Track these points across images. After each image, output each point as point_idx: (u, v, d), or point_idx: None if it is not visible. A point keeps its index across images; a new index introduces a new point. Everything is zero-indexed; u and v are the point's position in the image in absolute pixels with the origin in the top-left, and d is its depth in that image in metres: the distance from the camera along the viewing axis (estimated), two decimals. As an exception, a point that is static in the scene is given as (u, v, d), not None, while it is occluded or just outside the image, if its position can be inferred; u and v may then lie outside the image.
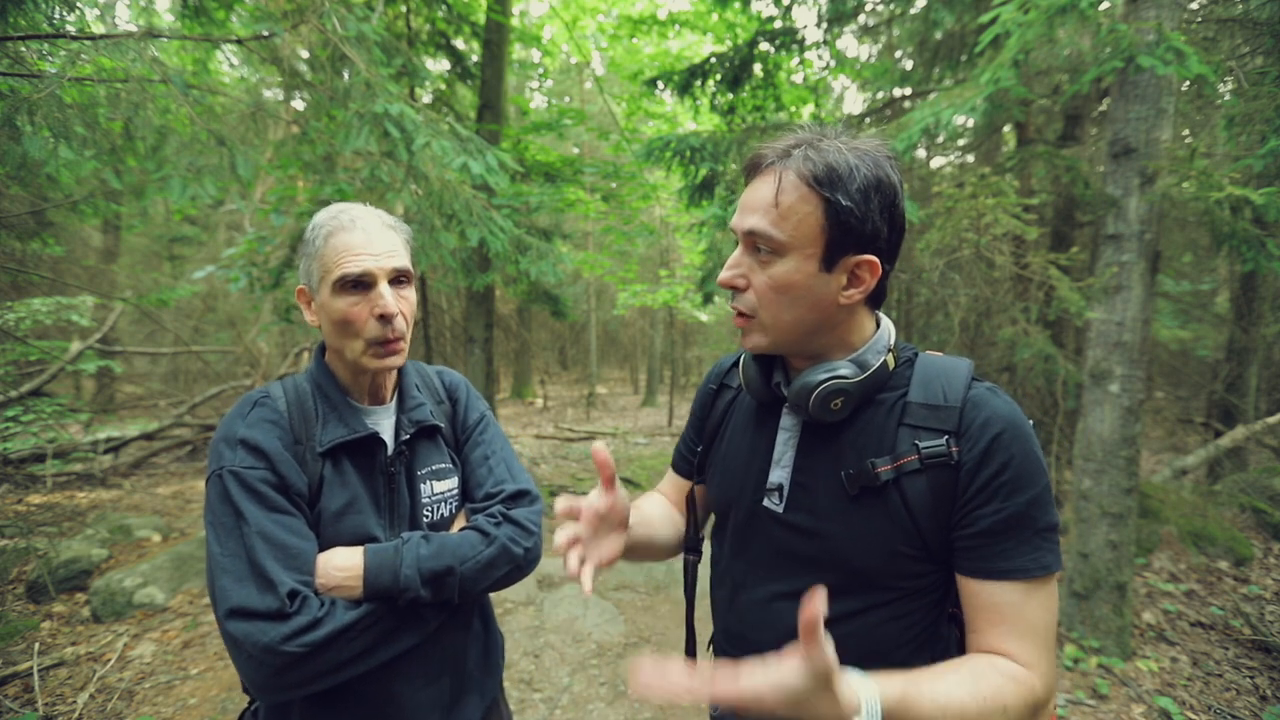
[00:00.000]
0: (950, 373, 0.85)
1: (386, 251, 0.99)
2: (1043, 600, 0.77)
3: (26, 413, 4.08)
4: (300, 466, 0.97)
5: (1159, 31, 2.51)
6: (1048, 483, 0.79)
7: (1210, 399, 6.46)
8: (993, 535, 0.77)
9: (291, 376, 1.08)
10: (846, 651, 0.82)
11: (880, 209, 0.78)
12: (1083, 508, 3.08)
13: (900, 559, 0.81)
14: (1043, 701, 0.75)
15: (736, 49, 4.81)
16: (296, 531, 0.91)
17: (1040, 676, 0.75)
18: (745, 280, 0.83)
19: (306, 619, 0.85)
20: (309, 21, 3.03)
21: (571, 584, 3.97)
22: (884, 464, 0.81)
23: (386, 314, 0.97)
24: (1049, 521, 0.78)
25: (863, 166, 0.77)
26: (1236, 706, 2.63)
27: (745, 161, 0.84)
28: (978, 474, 0.77)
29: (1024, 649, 0.76)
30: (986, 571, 0.78)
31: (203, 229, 10.64)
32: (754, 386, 0.93)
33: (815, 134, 0.81)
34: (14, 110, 2.24)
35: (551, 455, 8.36)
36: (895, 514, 0.80)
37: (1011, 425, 0.79)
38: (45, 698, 2.65)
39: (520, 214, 5.42)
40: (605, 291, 15.89)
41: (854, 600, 0.84)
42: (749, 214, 0.81)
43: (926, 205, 4.09)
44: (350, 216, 0.99)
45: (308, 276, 1.02)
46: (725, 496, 0.97)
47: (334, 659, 0.88)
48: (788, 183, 0.78)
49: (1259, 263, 2.89)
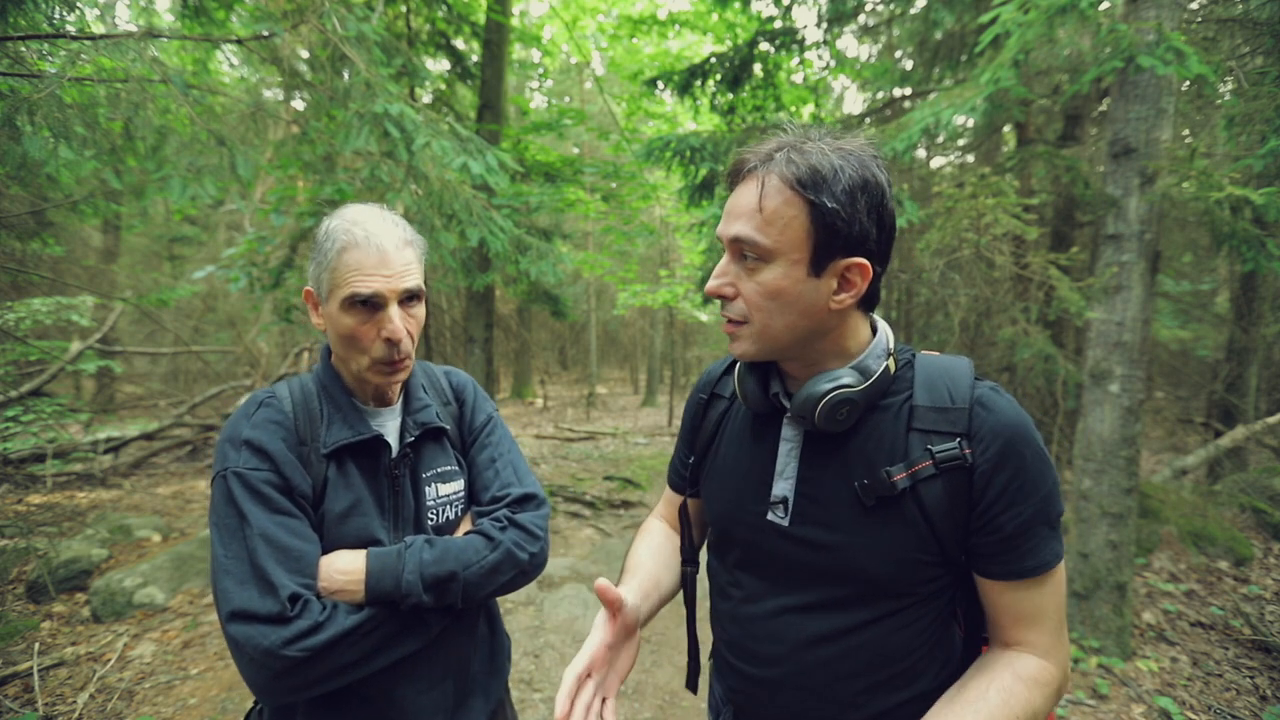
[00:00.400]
0: (952, 373, 0.84)
1: (400, 272, 0.97)
2: (1055, 585, 0.81)
3: (26, 413, 4.08)
4: (305, 468, 0.96)
5: (1159, 31, 2.51)
6: (1055, 475, 0.80)
7: (1210, 399, 6.46)
8: (1015, 538, 0.78)
9: (298, 376, 1.08)
10: (858, 662, 0.83)
11: (868, 209, 0.76)
12: (1083, 508, 3.08)
13: (916, 566, 0.81)
14: (1064, 684, 0.81)
15: (736, 49, 4.81)
16: (299, 534, 0.91)
17: (1058, 662, 0.80)
18: (733, 289, 0.82)
19: (307, 623, 0.85)
20: (309, 21, 3.03)
21: (572, 584, 3.97)
22: (899, 472, 0.79)
23: (393, 339, 0.97)
24: (1058, 511, 0.80)
25: (847, 167, 0.75)
26: (1236, 706, 2.63)
27: (729, 167, 0.83)
28: (993, 479, 0.78)
29: (1043, 636, 0.80)
30: (1014, 573, 0.79)
31: (203, 229, 10.65)
32: (751, 398, 0.91)
33: (799, 136, 0.79)
34: (14, 110, 2.24)
35: (551, 455, 8.37)
36: (913, 521, 0.80)
37: (1020, 428, 0.79)
38: (45, 698, 2.65)
39: (520, 214, 5.43)
40: (605, 291, 15.89)
41: (865, 611, 0.83)
42: (734, 221, 0.79)
43: (926, 205, 4.09)
44: (365, 232, 0.95)
45: (317, 283, 1.00)
46: (725, 511, 0.95)
47: (335, 663, 0.87)
48: (771, 187, 0.76)
49: (1259, 263, 2.89)
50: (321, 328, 1.03)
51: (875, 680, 0.83)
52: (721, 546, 0.98)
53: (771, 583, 0.89)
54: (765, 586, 0.90)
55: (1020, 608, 0.80)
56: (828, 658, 0.83)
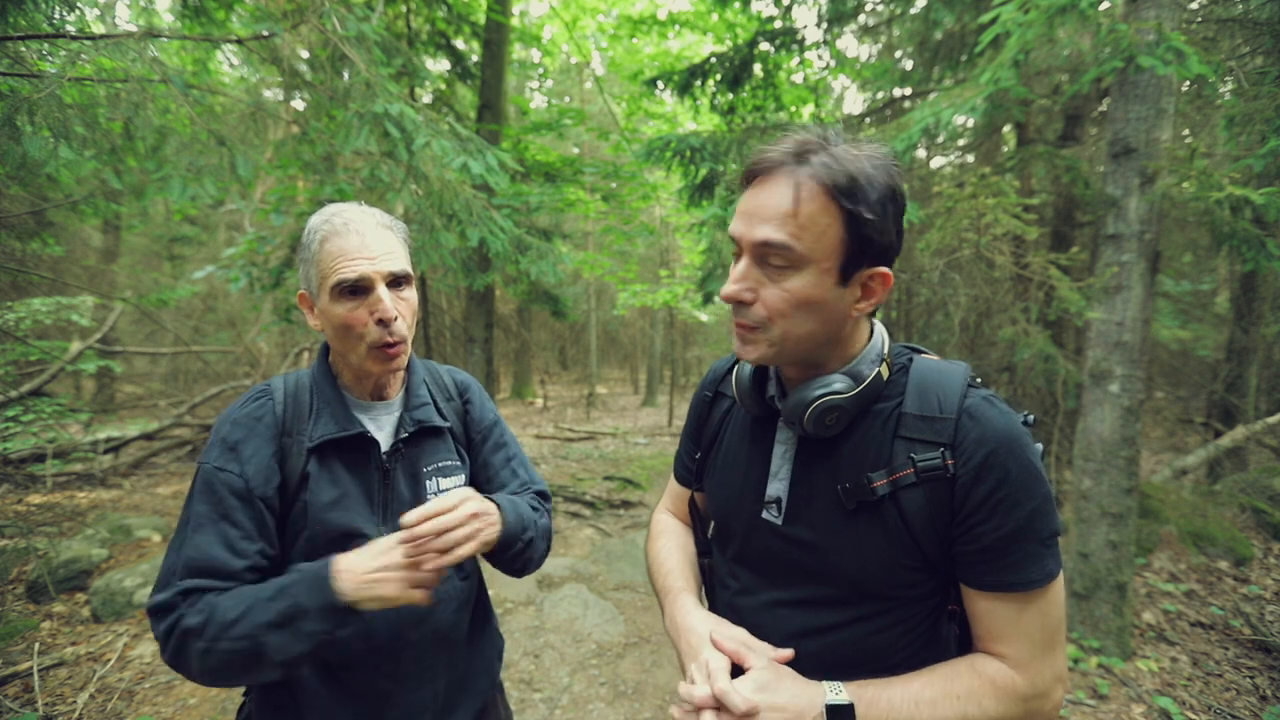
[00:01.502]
0: (945, 380, 0.83)
1: (383, 254, 0.98)
2: (1044, 604, 0.78)
3: (26, 413, 4.07)
4: (285, 460, 0.99)
5: (1159, 31, 2.51)
6: (1047, 492, 0.78)
7: (1210, 399, 6.46)
8: (995, 551, 0.77)
9: (297, 371, 1.10)
10: (843, 657, 0.84)
11: (894, 219, 0.76)
12: (1083, 508, 3.08)
13: (900, 570, 0.81)
14: (1038, 703, 0.78)
15: (736, 49, 4.81)
16: (230, 544, 0.93)
17: (1030, 679, 0.77)
18: (753, 294, 0.78)
19: (185, 616, 0.88)
20: (309, 21, 3.03)
21: (571, 584, 3.97)
22: (880, 478, 0.80)
23: (385, 318, 0.97)
24: (1051, 530, 0.77)
25: (879, 176, 0.74)
26: (1236, 706, 2.63)
27: (747, 164, 0.79)
28: (973, 490, 0.76)
29: (1018, 651, 0.78)
30: (991, 584, 0.78)
31: (203, 229, 10.65)
32: (748, 401, 0.92)
33: (819, 136, 0.77)
34: (14, 110, 2.24)
35: (552, 455, 8.36)
36: (893, 528, 0.80)
37: (1006, 440, 0.77)
38: (45, 698, 2.65)
39: (520, 214, 5.43)
40: (605, 291, 15.88)
41: (852, 609, 0.84)
42: (759, 223, 0.75)
43: (926, 205, 4.09)
44: (344, 220, 0.98)
45: (307, 282, 1.02)
46: (724, 506, 0.97)
47: (219, 658, 0.86)
48: (807, 191, 0.73)
49: (1259, 263, 2.89)
50: (320, 328, 1.03)
51: (860, 676, 0.84)
52: (721, 539, 1.00)
53: (765, 577, 0.91)
54: (759, 581, 0.92)
55: (993, 620, 0.79)
56: (815, 650, 0.85)
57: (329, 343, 1.06)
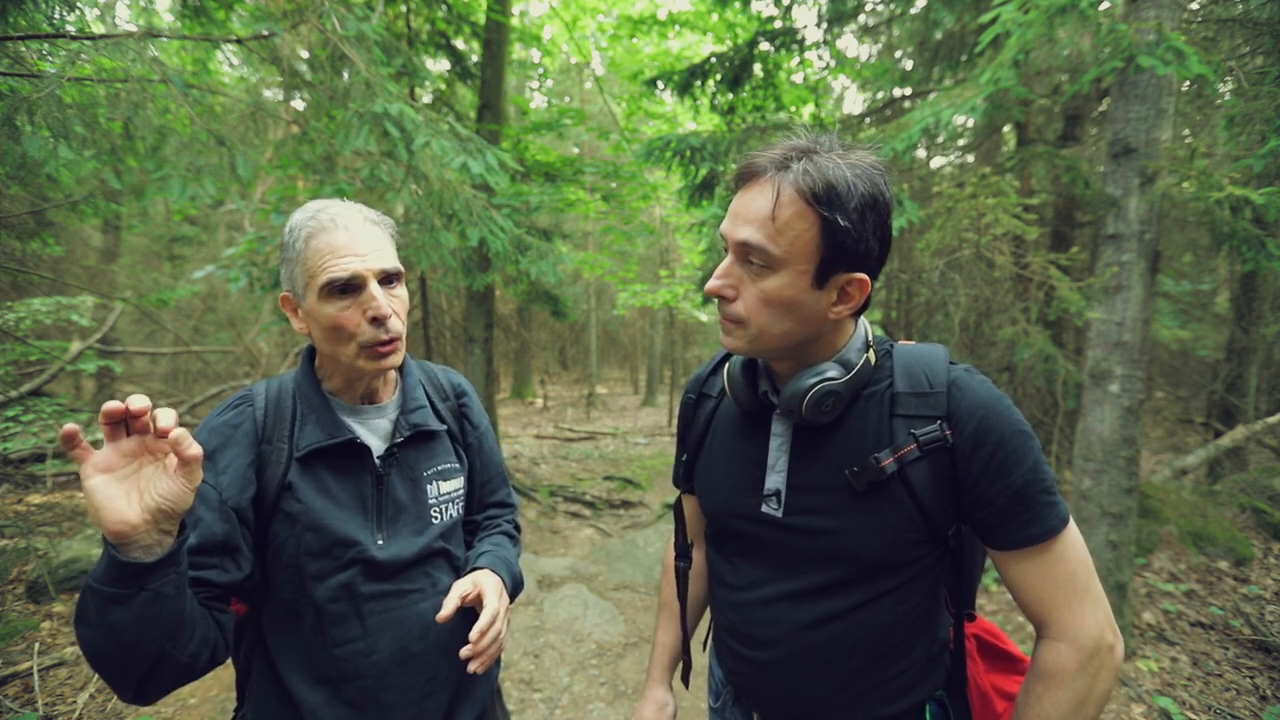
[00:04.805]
0: (929, 359, 0.88)
1: (373, 250, 0.95)
2: (1066, 550, 0.82)
3: (26, 413, 4.07)
4: (261, 469, 0.96)
5: (1159, 31, 2.51)
6: (1038, 446, 0.83)
7: (1210, 399, 6.46)
8: (1013, 509, 0.81)
9: (280, 376, 1.07)
10: (853, 640, 0.88)
11: (874, 227, 0.79)
12: (1083, 508, 3.08)
13: (907, 544, 0.85)
14: (1084, 661, 0.80)
15: (736, 49, 4.81)
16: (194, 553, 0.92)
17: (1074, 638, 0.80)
18: (734, 291, 0.83)
19: None
20: (309, 21, 3.03)
21: (571, 584, 3.97)
22: (886, 457, 0.83)
23: (380, 316, 0.94)
24: (1051, 478, 0.83)
25: (860, 184, 0.77)
26: (1236, 706, 2.63)
27: (738, 168, 0.84)
28: (974, 457, 0.81)
29: (1062, 604, 0.82)
30: (1021, 540, 0.82)
31: (203, 229, 10.63)
32: (741, 397, 0.94)
33: (810, 143, 0.80)
34: (14, 110, 2.24)
35: (551, 455, 8.37)
36: (902, 502, 0.84)
37: (991, 405, 0.82)
38: (45, 698, 2.65)
39: (520, 214, 5.42)
40: (605, 291, 15.88)
41: (861, 591, 0.87)
42: (742, 224, 0.80)
43: (926, 205, 4.09)
44: (330, 215, 0.94)
45: (290, 283, 0.97)
46: (720, 504, 0.99)
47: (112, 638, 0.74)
48: (785, 197, 0.77)
49: (1259, 263, 2.89)
50: (305, 331, 0.99)
51: (870, 656, 0.88)
52: (719, 538, 1.02)
53: (768, 571, 0.93)
54: (762, 574, 0.94)
55: (1029, 580, 0.83)
56: (823, 639, 0.88)
57: (316, 345, 1.02)
